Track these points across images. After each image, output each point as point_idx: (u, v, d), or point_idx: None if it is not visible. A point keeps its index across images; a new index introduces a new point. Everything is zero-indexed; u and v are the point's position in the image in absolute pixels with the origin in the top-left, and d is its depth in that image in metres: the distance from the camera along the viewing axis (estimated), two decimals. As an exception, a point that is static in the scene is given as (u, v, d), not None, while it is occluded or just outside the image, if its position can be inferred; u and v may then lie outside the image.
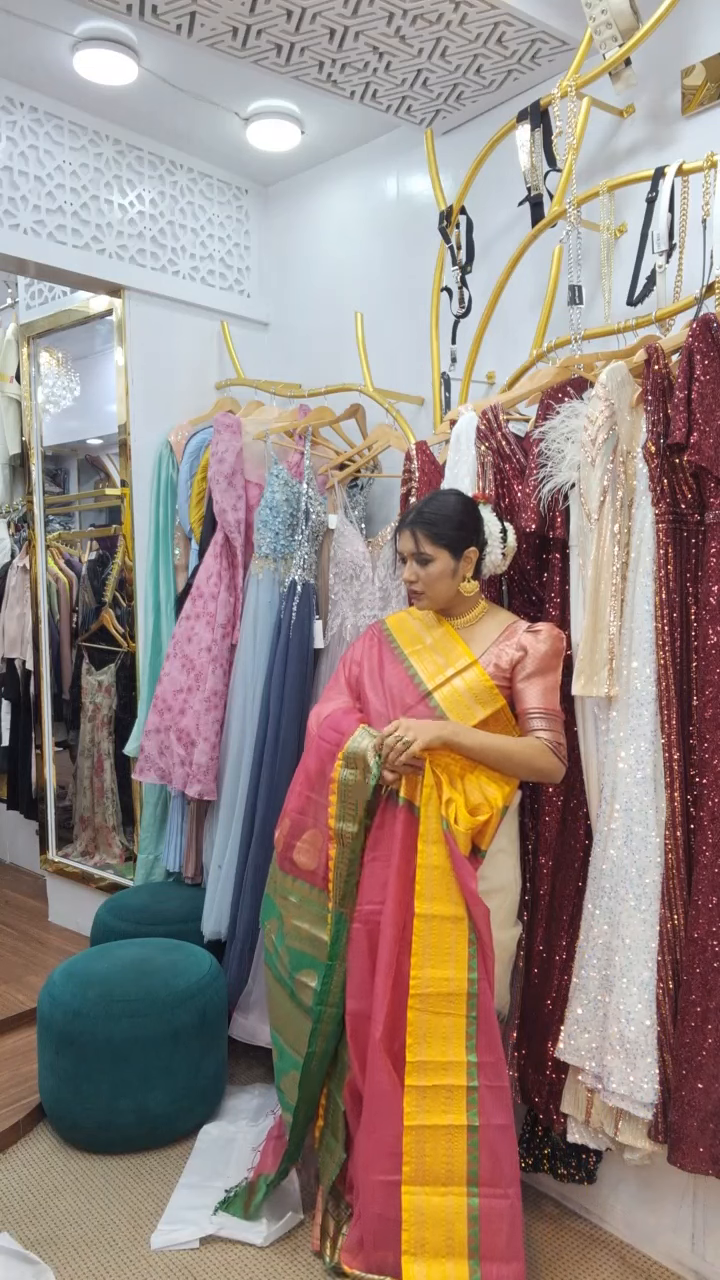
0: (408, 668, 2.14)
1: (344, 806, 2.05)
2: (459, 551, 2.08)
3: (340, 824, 2.05)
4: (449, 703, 2.06)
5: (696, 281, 2.10)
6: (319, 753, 2.13)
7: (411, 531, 2.10)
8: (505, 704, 2.06)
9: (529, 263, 2.54)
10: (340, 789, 2.05)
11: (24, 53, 2.75)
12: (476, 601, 2.17)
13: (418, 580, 2.11)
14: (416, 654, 2.15)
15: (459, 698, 2.06)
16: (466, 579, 2.11)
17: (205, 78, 2.88)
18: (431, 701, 2.07)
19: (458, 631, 2.14)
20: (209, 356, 3.52)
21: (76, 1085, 2.48)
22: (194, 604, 3.01)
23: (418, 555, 2.09)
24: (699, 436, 1.88)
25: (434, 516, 2.08)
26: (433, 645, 2.14)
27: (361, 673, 2.21)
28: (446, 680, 2.08)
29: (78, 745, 4.10)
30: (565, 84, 2.32)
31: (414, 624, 2.21)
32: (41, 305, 3.74)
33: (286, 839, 2.18)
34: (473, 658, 2.08)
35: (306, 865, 2.12)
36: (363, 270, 3.28)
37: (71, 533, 4.36)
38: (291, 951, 2.15)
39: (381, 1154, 1.91)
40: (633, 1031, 1.92)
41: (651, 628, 1.96)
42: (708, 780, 1.89)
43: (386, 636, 2.22)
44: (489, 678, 2.06)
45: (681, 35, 2.33)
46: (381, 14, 2.40)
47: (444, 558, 2.08)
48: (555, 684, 2.06)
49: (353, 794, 2.04)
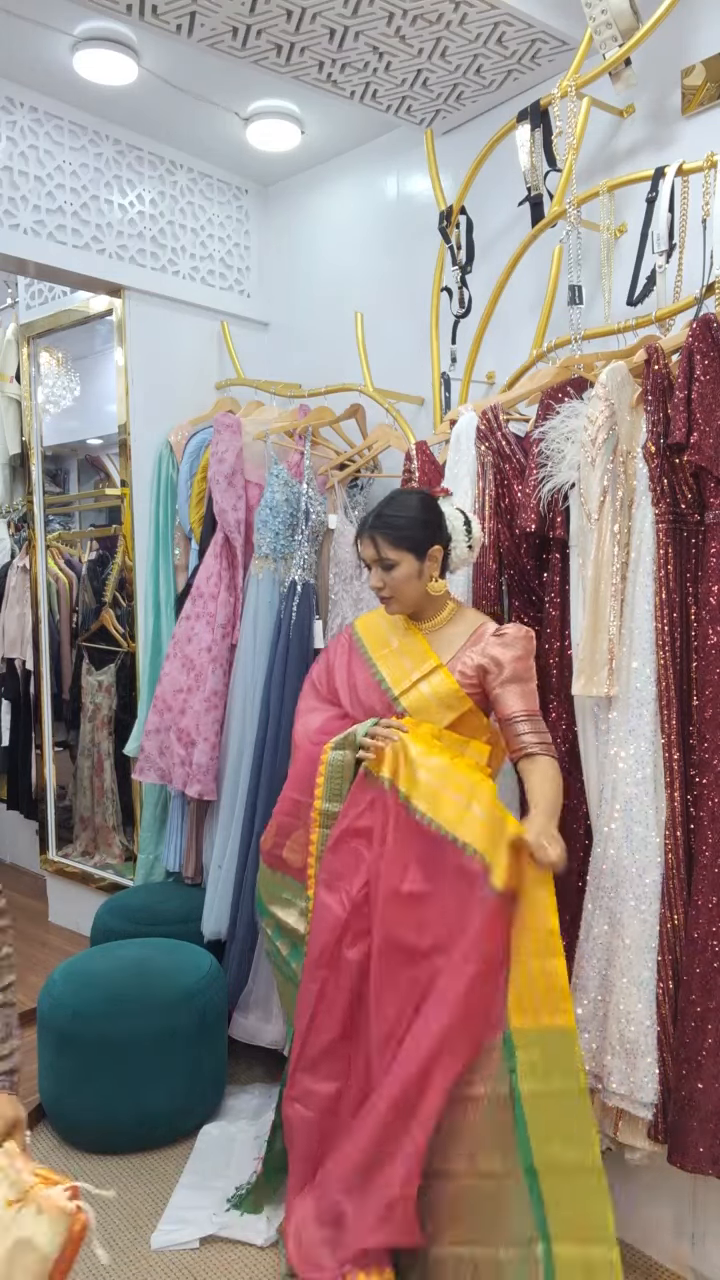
0: (374, 673, 2.11)
1: (330, 786, 2.05)
2: (423, 552, 2.03)
3: (327, 804, 2.06)
4: (416, 707, 2.04)
5: (696, 281, 2.10)
6: (310, 757, 2.11)
7: (371, 537, 2.03)
8: (473, 706, 2.03)
9: (529, 263, 2.54)
10: (328, 770, 2.05)
11: (24, 53, 2.75)
12: (444, 603, 2.12)
13: (385, 586, 2.05)
14: (383, 658, 2.11)
15: (426, 703, 2.03)
16: (434, 578, 2.06)
17: (205, 78, 2.88)
18: (399, 707, 2.05)
19: (426, 635, 2.10)
20: (209, 356, 3.52)
21: (76, 1085, 2.48)
22: (194, 604, 3.01)
23: (381, 561, 2.03)
24: (699, 436, 1.88)
25: (393, 519, 2.03)
26: (399, 649, 2.11)
27: (334, 679, 2.20)
28: (413, 685, 2.05)
29: (78, 745, 4.10)
30: (565, 84, 2.32)
31: (382, 627, 2.17)
32: (41, 305, 3.74)
33: (275, 838, 2.18)
34: (439, 662, 2.05)
35: (294, 863, 2.13)
36: (363, 270, 3.28)
37: (71, 533, 4.36)
38: (289, 944, 2.18)
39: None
40: (633, 1031, 1.92)
41: (651, 628, 1.96)
42: (708, 780, 1.89)
43: (355, 640, 2.19)
44: (456, 683, 2.02)
45: (681, 35, 2.33)
46: (381, 14, 2.40)
47: (408, 560, 2.02)
48: (533, 684, 2.03)
49: (342, 773, 2.05)
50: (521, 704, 1.99)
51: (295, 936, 2.14)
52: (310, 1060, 2.00)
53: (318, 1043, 1.99)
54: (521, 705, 1.99)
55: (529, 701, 2.00)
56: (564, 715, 2.14)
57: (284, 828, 2.16)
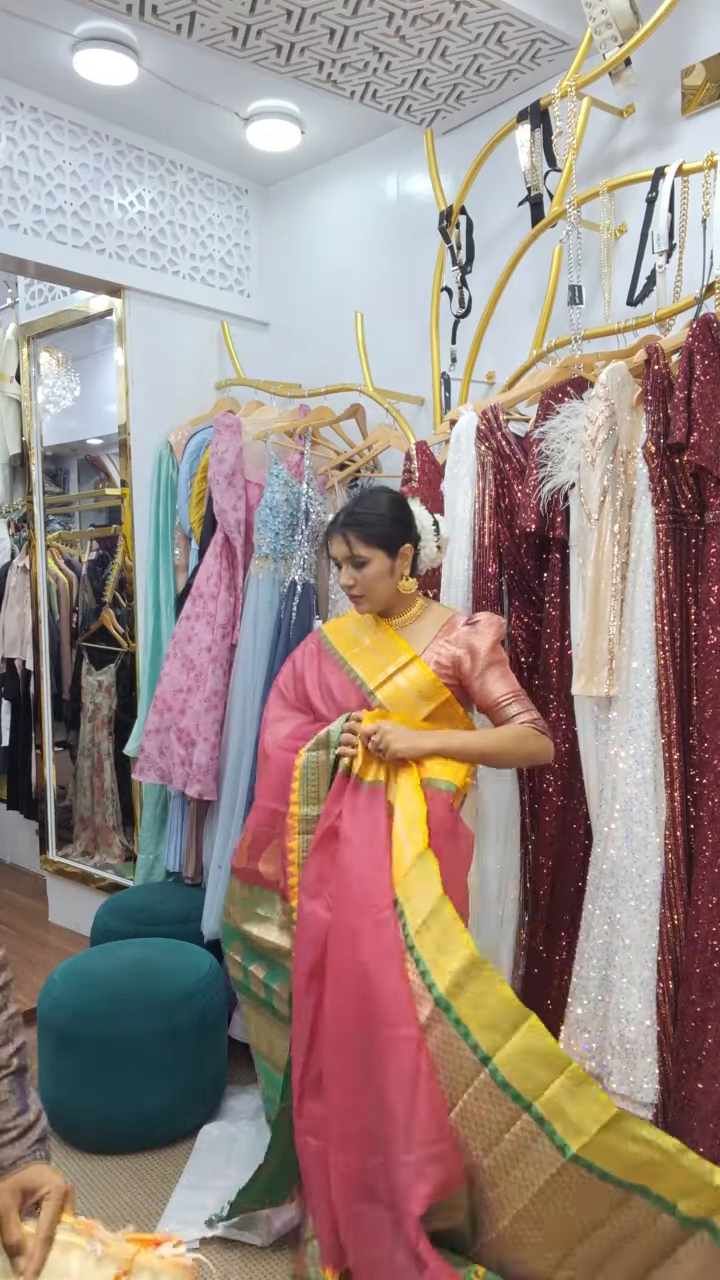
0: (348, 671, 2.10)
1: (307, 789, 2.00)
2: (394, 550, 2.04)
3: (305, 808, 2.00)
4: (393, 700, 2.02)
5: (696, 281, 2.10)
6: (281, 765, 2.06)
7: (343, 535, 2.03)
8: (450, 696, 2.02)
9: (529, 263, 2.54)
10: (304, 772, 2.00)
11: (24, 53, 2.75)
12: (414, 600, 2.13)
13: (355, 584, 2.05)
14: (355, 656, 2.10)
15: (402, 694, 2.02)
16: (404, 577, 2.07)
17: (205, 78, 2.88)
18: (375, 700, 2.03)
19: (397, 631, 2.10)
20: (209, 356, 3.52)
21: (76, 1085, 2.48)
22: (194, 604, 3.01)
23: (352, 559, 2.03)
24: (699, 436, 1.88)
25: (365, 517, 2.03)
26: (371, 646, 2.10)
27: (305, 686, 2.16)
28: (389, 678, 2.04)
29: (78, 745, 4.10)
30: (565, 84, 2.32)
31: (351, 628, 2.16)
32: (41, 305, 3.74)
33: (250, 851, 2.11)
34: (413, 653, 2.04)
35: (270, 875, 2.06)
36: (363, 270, 3.28)
37: (71, 533, 4.36)
38: (266, 965, 2.10)
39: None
40: (632, 1031, 1.92)
41: (651, 628, 1.96)
42: (708, 780, 1.89)
43: (324, 644, 2.18)
44: (432, 673, 2.02)
45: (681, 35, 2.33)
46: (381, 14, 2.40)
47: (379, 558, 2.02)
48: (508, 666, 2.04)
49: (317, 774, 2.00)
50: (505, 685, 1.99)
51: (276, 954, 2.06)
52: (315, 1081, 1.88)
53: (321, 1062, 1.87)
54: (506, 687, 1.99)
55: (511, 682, 2.01)
56: (564, 715, 2.14)
57: (259, 840, 2.10)
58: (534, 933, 2.16)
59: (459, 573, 2.30)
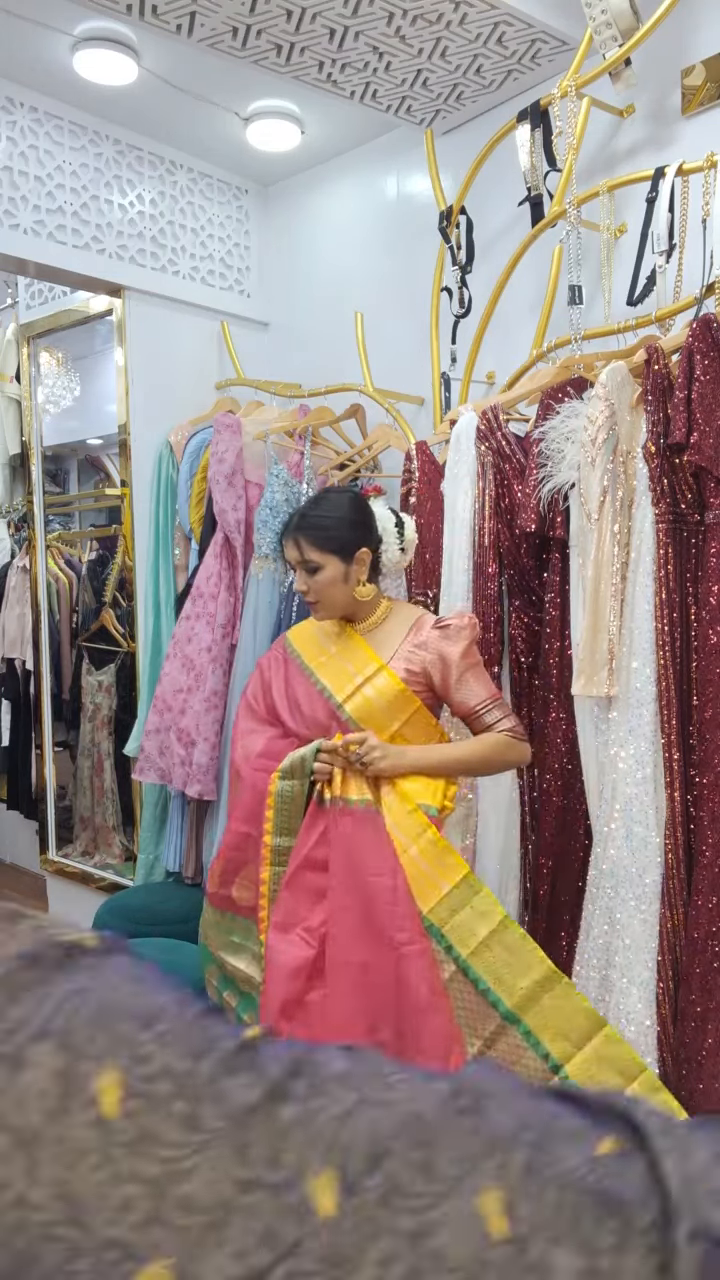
0: (314, 682, 1.99)
1: (280, 820, 1.91)
2: (349, 555, 1.93)
3: (278, 839, 1.91)
4: (362, 715, 1.92)
5: (696, 281, 2.10)
6: (255, 786, 1.96)
7: (295, 539, 1.93)
8: (420, 705, 1.94)
9: (529, 263, 2.54)
10: (277, 802, 1.91)
11: (24, 53, 2.74)
12: (378, 602, 2.02)
13: (309, 591, 1.94)
14: (322, 666, 2.00)
15: (372, 708, 1.92)
16: (362, 582, 1.96)
17: (205, 78, 2.88)
18: (344, 714, 1.93)
19: (363, 636, 2.00)
20: (209, 356, 3.52)
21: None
22: (194, 604, 3.01)
23: (304, 563, 1.93)
24: (699, 436, 1.88)
25: (318, 520, 1.93)
26: (338, 654, 2.00)
27: (272, 697, 2.06)
28: (356, 689, 1.94)
29: (78, 745, 4.10)
30: (565, 84, 2.32)
31: (317, 634, 2.06)
32: (41, 305, 3.74)
33: (222, 876, 2.02)
34: (380, 662, 1.94)
35: (245, 900, 1.97)
36: (363, 270, 3.28)
37: (71, 533, 4.36)
38: (238, 994, 2.03)
39: None
40: (632, 1031, 1.92)
41: (651, 628, 1.96)
42: (708, 780, 1.89)
43: (290, 651, 2.07)
44: (400, 681, 1.93)
45: (681, 35, 2.33)
46: (381, 14, 2.40)
47: (333, 563, 1.92)
48: (484, 670, 1.98)
49: (291, 805, 1.90)
50: (482, 691, 1.93)
51: (248, 985, 1.99)
52: None
53: None
54: (483, 693, 1.93)
55: (488, 686, 1.95)
56: (564, 715, 2.14)
57: (232, 864, 2.00)
58: (534, 932, 2.16)
59: (459, 573, 2.30)
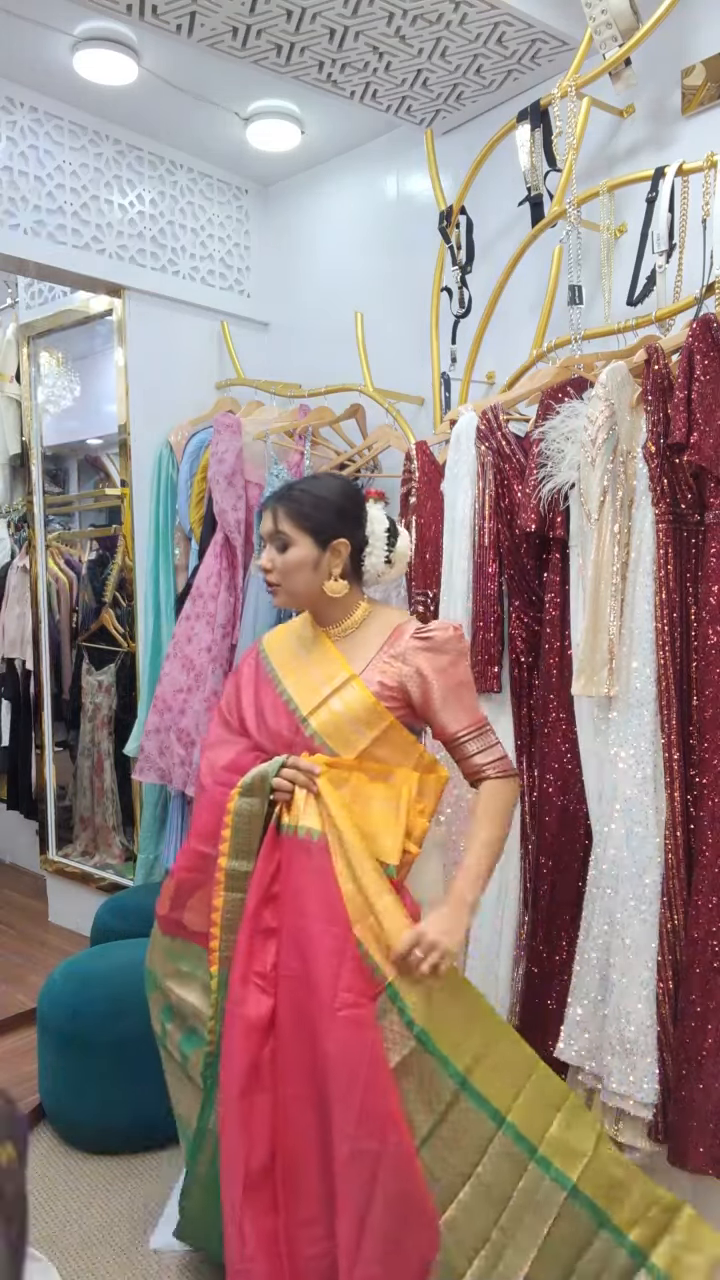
0: (281, 691, 1.81)
1: (237, 841, 1.73)
2: (325, 540, 1.76)
3: (233, 862, 1.73)
4: (328, 731, 1.73)
5: (696, 281, 2.10)
6: (214, 802, 1.78)
7: (273, 508, 1.78)
8: (394, 721, 1.74)
9: (529, 263, 2.54)
10: (235, 820, 1.73)
11: (24, 53, 2.74)
12: (355, 604, 1.84)
13: (273, 569, 1.78)
14: (291, 673, 1.82)
15: (339, 723, 1.73)
16: (334, 577, 1.78)
17: (205, 78, 2.88)
18: (308, 730, 1.75)
19: (335, 642, 1.82)
20: (209, 356, 3.52)
21: (76, 1085, 2.48)
22: (194, 604, 3.01)
23: (276, 536, 1.77)
24: (699, 436, 1.88)
25: (302, 495, 1.78)
26: (309, 661, 1.82)
27: (241, 705, 1.88)
28: (323, 702, 1.75)
29: (78, 745, 4.10)
30: (565, 84, 2.32)
31: (290, 639, 1.89)
32: (41, 305, 3.74)
33: (174, 899, 1.84)
34: (351, 672, 1.76)
35: (196, 925, 1.80)
36: (363, 270, 3.28)
37: (71, 533, 4.36)
38: (182, 1026, 1.86)
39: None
40: (632, 1031, 1.92)
41: (651, 628, 1.96)
42: (708, 780, 1.89)
43: (263, 657, 1.89)
44: (371, 695, 1.73)
45: (681, 35, 2.33)
46: (381, 14, 2.40)
47: (305, 544, 1.75)
48: (472, 690, 1.79)
49: (250, 825, 1.73)
50: (466, 719, 1.76)
51: (195, 1018, 1.81)
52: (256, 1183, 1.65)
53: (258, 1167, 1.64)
54: (466, 720, 1.76)
55: (472, 713, 1.77)
56: (564, 715, 2.14)
57: (184, 886, 1.82)
58: (534, 933, 2.16)
59: (459, 573, 2.30)
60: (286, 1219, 1.59)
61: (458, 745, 1.77)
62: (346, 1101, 1.54)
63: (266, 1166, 1.61)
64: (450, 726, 1.76)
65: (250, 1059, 1.62)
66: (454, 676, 1.75)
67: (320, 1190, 1.59)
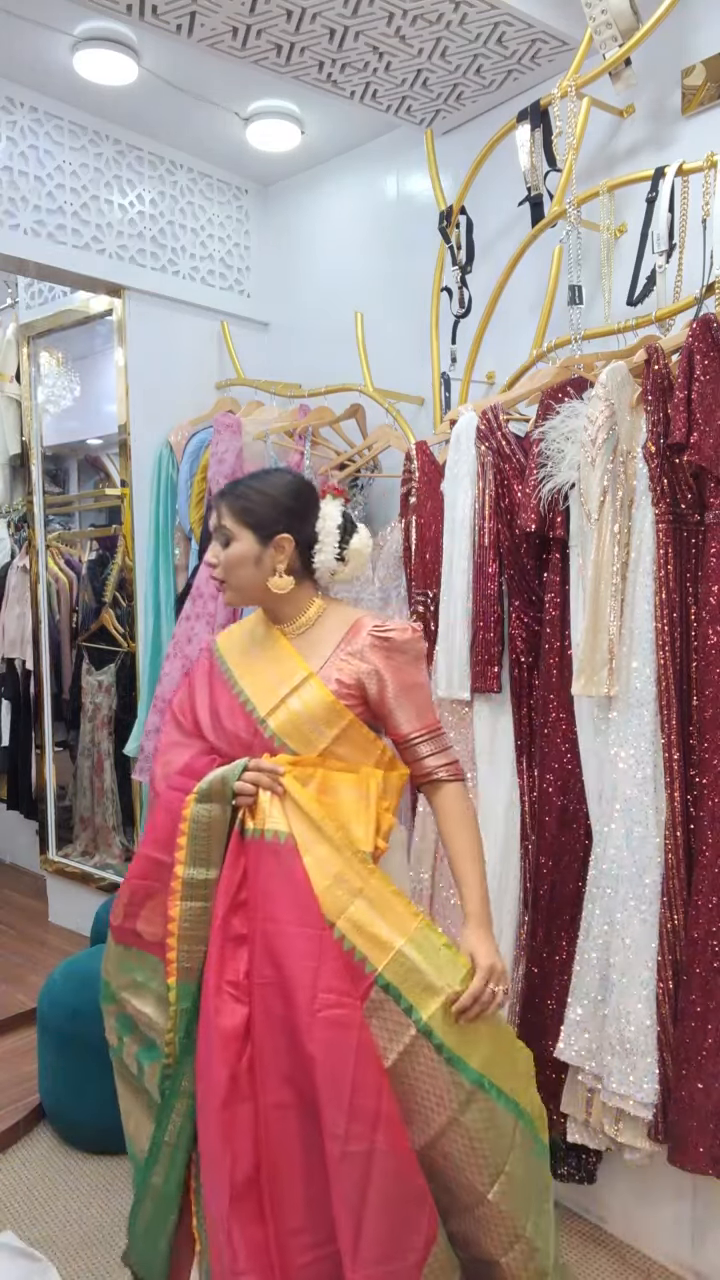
0: (238, 693, 1.78)
1: (195, 849, 1.67)
2: (268, 535, 1.74)
3: (191, 870, 1.67)
4: (288, 731, 1.71)
5: (696, 281, 2.10)
6: (169, 807, 1.73)
7: (218, 504, 1.78)
8: (354, 719, 1.73)
9: (529, 263, 2.54)
10: (192, 828, 1.67)
11: (24, 53, 2.75)
12: (308, 601, 1.82)
13: (218, 565, 1.77)
14: (247, 674, 1.79)
15: (298, 723, 1.72)
16: (279, 573, 1.75)
17: (205, 78, 2.88)
18: (267, 731, 1.72)
19: (291, 640, 1.80)
20: (209, 356, 3.52)
21: (76, 1085, 2.48)
22: (194, 604, 3.01)
23: (220, 530, 1.76)
24: (699, 436, 1.88)
25: (246, 490, 1.76)
26: (264, 660, 1.80)
27: (196, 706, 1.84)
28: (281, 701, 1.73)
29: (78, 745, 4.10)
30: (565, 84, 2.32)
31: (244, 638, 1.86)
32: (41, 305, 3.74)
33: (126, 909, 1.77)
34: (308, 670, 1.74)
35: (151, 935, 1.73)
36: (363, 270, 3.28)
37: (71, 533, 4.36)
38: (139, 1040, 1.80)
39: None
40: (632, 1031, 1.92)
41: (651, 628, 1.96)
42: (708, 780, 1.89)
43: (217, 658, 1.87)
44: (330, 693, 1.72)
45: (681, 35, 2.33)
46: (381, 14, 2.40)
47: (247, 539, 1.74)
48: (428, 693, 1.79)
49: (208, 832, 1.68)
50: (419, 721, 1.76)
51: (151, 1030, 1.75)
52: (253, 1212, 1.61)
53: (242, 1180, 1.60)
54: (419, 723, 1.76)
55: (426, 715, 1.77)
56: (564, 715, 2.14)
57: (138, 894, 1.75)
58: (534, 933, 2.16)
59: (459, 573, 2.30)
60: (275, 1228, 1.56)
61: (410, 746, 1.77)
62: (336, 1104, 1.52)
63: (251, 1177, 1.58)
64: (404, 727, 1.76)
65: (229, 1070, 1.58)
66: (411, 677, 1.75)
67: (306, 1198, 1.56)
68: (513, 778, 2.27)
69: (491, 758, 2.30)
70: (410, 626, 1.78)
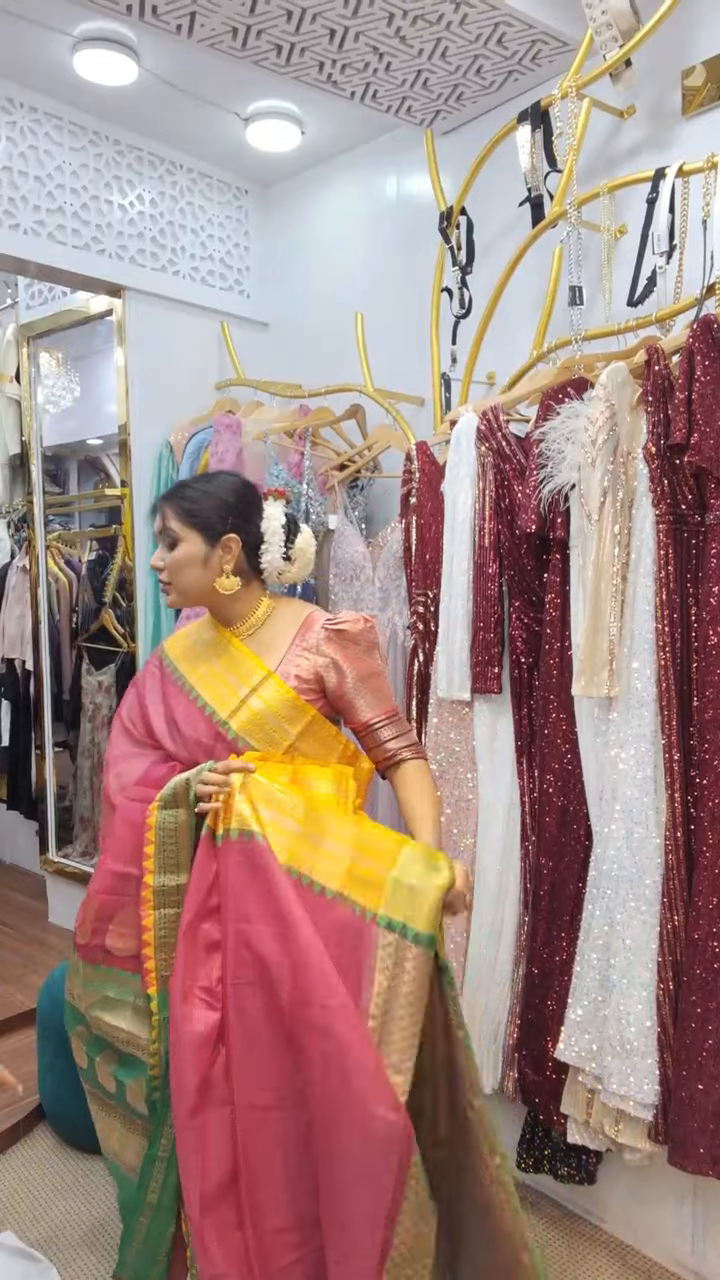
0: (195, 698, 1.78)
1: (163, 856, 1.68)
2: (214, 536, 1.75)
3: (162, 878, 1.68)
4: (250, 730, 1.72)
5: (697, 282, 2.10)
6: (129, 818, 1.72)
7: (162, 506, 1.79)
8: (316, 714, 1.75)
9: (529, 263, 2.54)
10: (158, 836, 1.68)
11: (24, 53, 2.74)
12: (256, 601, 1.83)
13: (164, 568, 1.78)
14: (203, 679, 1.79)
15: (261, 722, 1.73)
16: (225, 574, 1.77)
17: (205, 78, 2.88)
18: (230, 734, 1.73)
19: (244, 641, 1.81)
20: (209, 356, 3.52)
21: (76, 1085, 2.47)
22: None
23: (164, 532, 1.77)
24: (699, 437, 1.88)
25: (190, 492, 1.78)
26: (220, 665, 1.79)
27: (149, 715, 1.84)
28: (241, 703, 1.74)
29: (78, 745, 4.11)
30: (566, 85, 2.32)
31: (195, 644, 1.86)
32: (41, 305, 3.74)
33: (95, 925, 1.75)
34: (267, 670, 1.75)
35: (123, 950, 1.72)
36: (363, 271, 3.28)
37: (71, 533, 4.36)
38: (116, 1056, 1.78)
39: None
40: (633, 1032, 1.92)
41: (652, 628, 1.96)
42: (708, 781, 1.89)
43: (168, 665, 1.86)
44: (291, 689, 1.74)
45: (681, 35, 2.33)
46: (381, 14, 2.40)
47: (193, 540, 1.75)
48: (385, 679, 1.81)
49: (176, 838, 1.69)
50: (380, 706, 1.78)
51: (130, 1045, 1.72)
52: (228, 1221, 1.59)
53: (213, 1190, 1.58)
54: (380, 708, 1.78)
55: (386, 701, 1.79)
56: (564, 715, 2.14)
57: (105, 909, 1.73)
58: (534, 933, 2.16)
59: (459, 573, 2.30)
60: (255, 1231, 1.54)
61: (372, 732, 1.79)
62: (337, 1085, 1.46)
63: (225, 1183, 1.55)
64: (365, 714, 1.78)
65: (200, 1076, 1.56)
66: (367, 665, 1.78)
67: (290, 1198, 1.53)
68: (513, 778, 2.27)
69: (492, 758, 2.30)
70: (361, 617, 1.80)
